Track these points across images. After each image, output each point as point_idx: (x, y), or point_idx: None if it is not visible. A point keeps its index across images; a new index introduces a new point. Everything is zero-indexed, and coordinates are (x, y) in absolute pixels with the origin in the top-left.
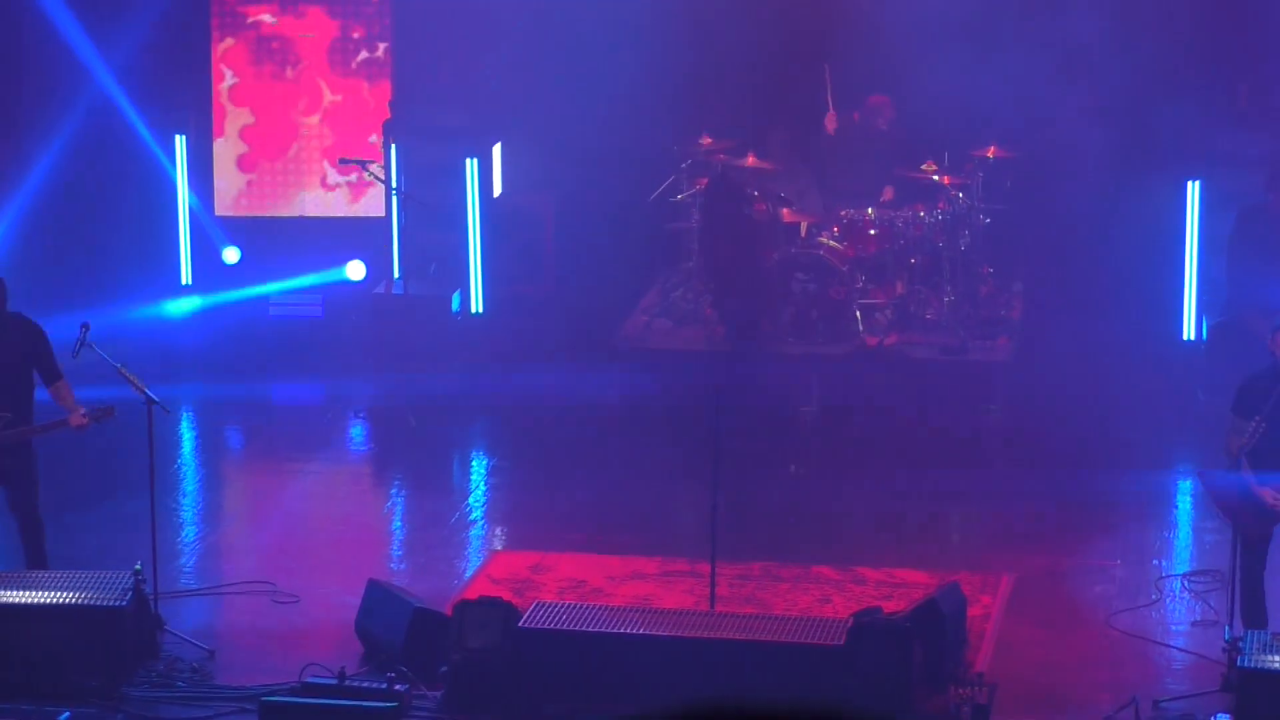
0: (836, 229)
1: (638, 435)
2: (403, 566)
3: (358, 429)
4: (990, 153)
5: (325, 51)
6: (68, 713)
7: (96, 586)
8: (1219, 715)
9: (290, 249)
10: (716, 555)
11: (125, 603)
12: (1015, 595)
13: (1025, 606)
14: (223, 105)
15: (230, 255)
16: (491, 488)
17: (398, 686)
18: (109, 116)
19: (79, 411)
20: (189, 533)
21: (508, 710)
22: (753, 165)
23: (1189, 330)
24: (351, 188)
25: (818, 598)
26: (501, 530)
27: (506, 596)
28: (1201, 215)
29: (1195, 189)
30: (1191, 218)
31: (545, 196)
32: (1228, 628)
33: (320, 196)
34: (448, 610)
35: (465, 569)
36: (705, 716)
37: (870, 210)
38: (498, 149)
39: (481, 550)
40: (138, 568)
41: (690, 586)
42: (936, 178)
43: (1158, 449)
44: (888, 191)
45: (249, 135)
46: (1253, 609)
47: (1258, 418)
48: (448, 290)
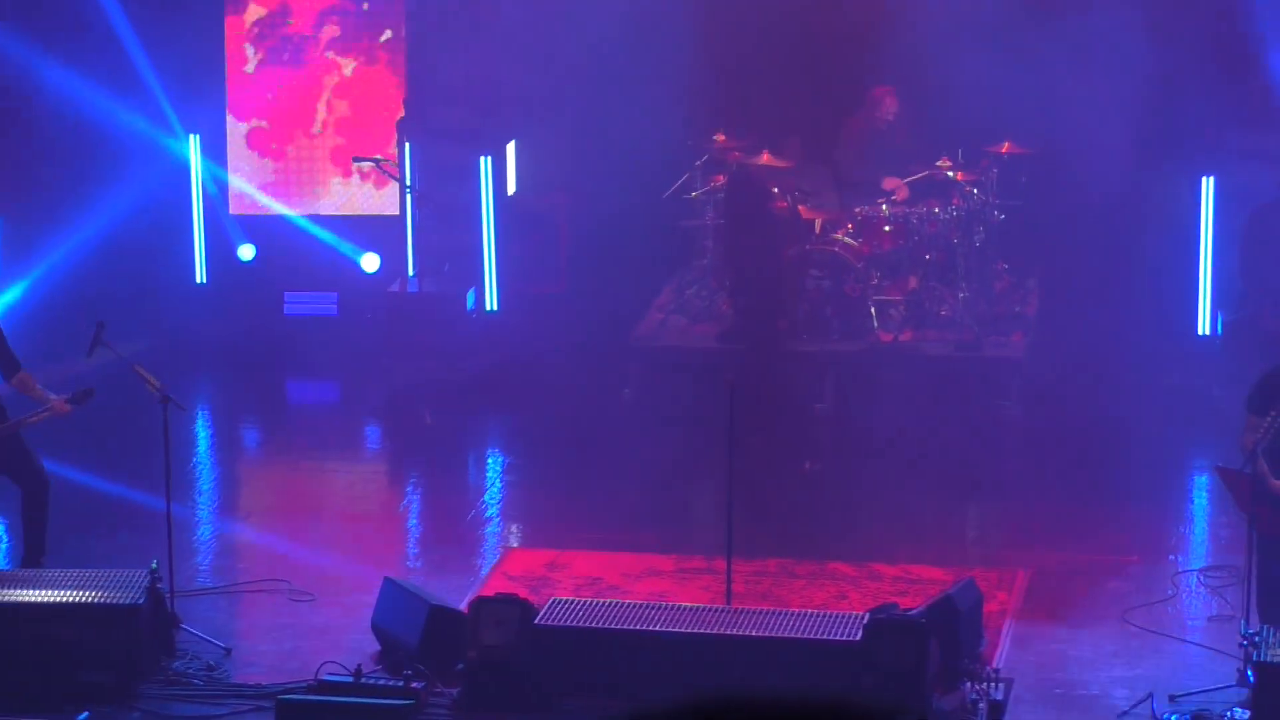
0: (851, 226)
1: (652, 432)
2: (419, 564)
3: (372, 428)
4: (1005, 149)
5: (339, 49)
6: (86, 713)
7: (113, 585)
8: (1236, 710)
9: (305, 246)
10: (732, 552)
11: (141, 601)
12: (1031, 591)
13: (1041, 602)
14: (238, 105)
15: (245, 252)
16: (507, 485)
17: (414, 684)
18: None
19: (56, 399)
20: (205, 531)
21: (524, 707)
22: (768, 162)
23: (1204, 326)
24: (367, 185)
25: (834, 594)
26: (517, 528)
27: (522, 594)
28: (1216, 211)
29: (1210, 185)
30: (1206, 213)
31: (559, 194)
32: (1244, 622)
33: (335, 194)
34: (464, 608)
35: (481, 566)
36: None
37: (885, 207)
38: (512, 147)
39: (497, 548)
40: (154, 566)
41: (706, 583)
42: (951, 174)
43: (1173, 444)
44: (901, 190)
45: (263, 135)
46: (1269, 604)
47: (1273, 413)
48: (462, 288)
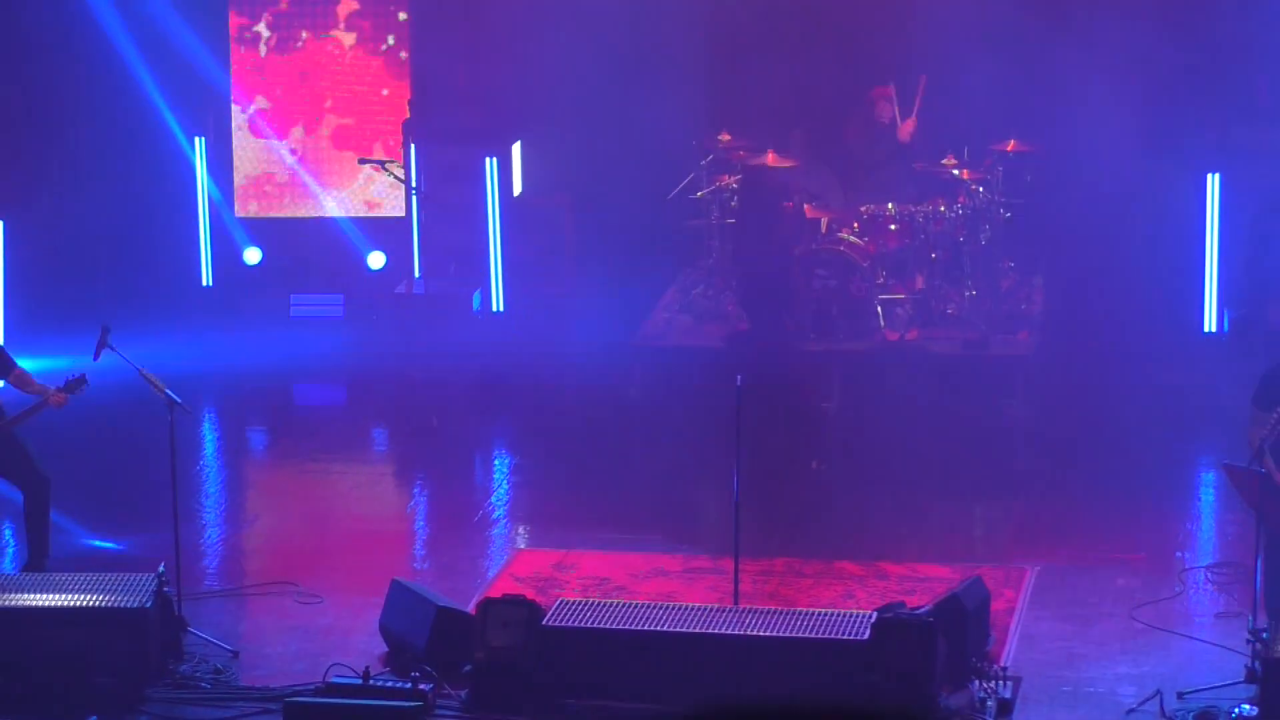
0: (857, 225)
1: (659, 433)
2: (426, 566)
3: (379, 430)
4: (1010, 147)
5: (345, 52)
6: (94, 717)
7: (120, 588)
8: (1243, 706)
9: (311, 248)
10: (739, 551)
11: (149, 604)
12: (1038, 588)
13: (1048, 600)
14: (244, 107)
15: (251, 255)
16: (514, 486)
17: (422, 686)
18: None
19: (52, 390)
20: (212, 533)
21: (532, 708)
22: (773, 162)
23: (1210, 322)
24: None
25: (841, 593)
26: (524, 528)
27: (530, 595)
28: (1221, 208)
29: (1215, 181)
30: (1211, 210)
31: (565, 195)
32: (1252, 619)
33: (340, 197)
34: (471, 609)
35: (488, 568)
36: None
37: (891, 205)
38: (517, 148)
39: (504, 549)
40: (161, 569)
41: (713, 583)
42: (956, 172)
43: (1179, 441)
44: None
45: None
46: (1276, 600)
47: (1279, 409)
48: (468, 289)
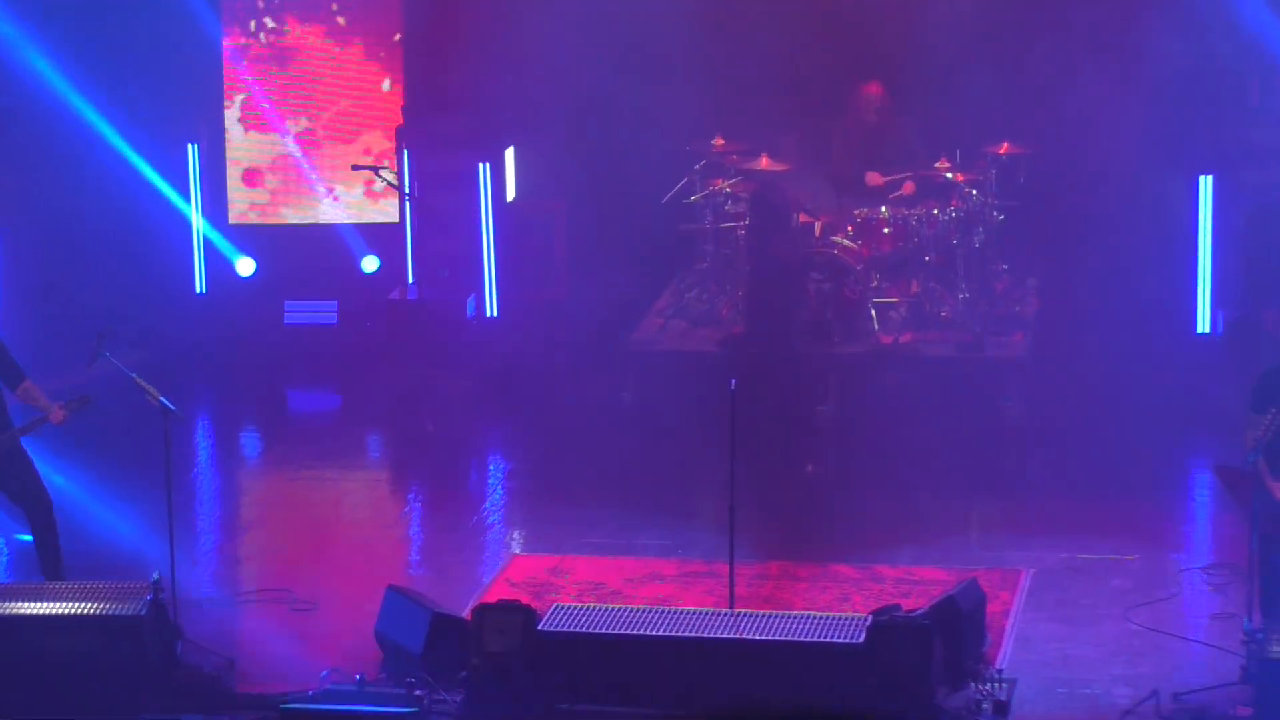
0: (851, 228)
1: (654, 437)
2: (421, 572)
3: (373, 436)
4: (1003, 149)
5: (336, 56)
6: None
7: (114, 596)
8: (1239, 707)
9: (305, 255)
10: (734, 555)
11: (143, 612)
12: (1034, 590)
13: (1044, 602)
14: (234, 114)
15: (244, 267)
16: (508, 492)
17: (417, 692)
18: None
19: (56, 406)
20: (207, 541)
21: (528, 714)
22: (766, 166)
23: (1203, 324)
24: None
25: (836, 596)
26: (519, 534)
27: (525, 600)
28: (1214, 210)
29: (1207, 184)
30: (1204, 212)
31: (558, 200)
32: (1247, 620)
33: (333, 203)
34: (467, 615)
35: (484, 573)
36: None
37: (884, 209)
38: (511, 153)
39: (500, 554)
40: (156, 577)
41: (709, 587)
42: (950, 175)
43: (1174, 443)
44: (908, 186)
45: (261, 145)
46: (1271, 601)
47: (1273, 410)
48: (462, 295)
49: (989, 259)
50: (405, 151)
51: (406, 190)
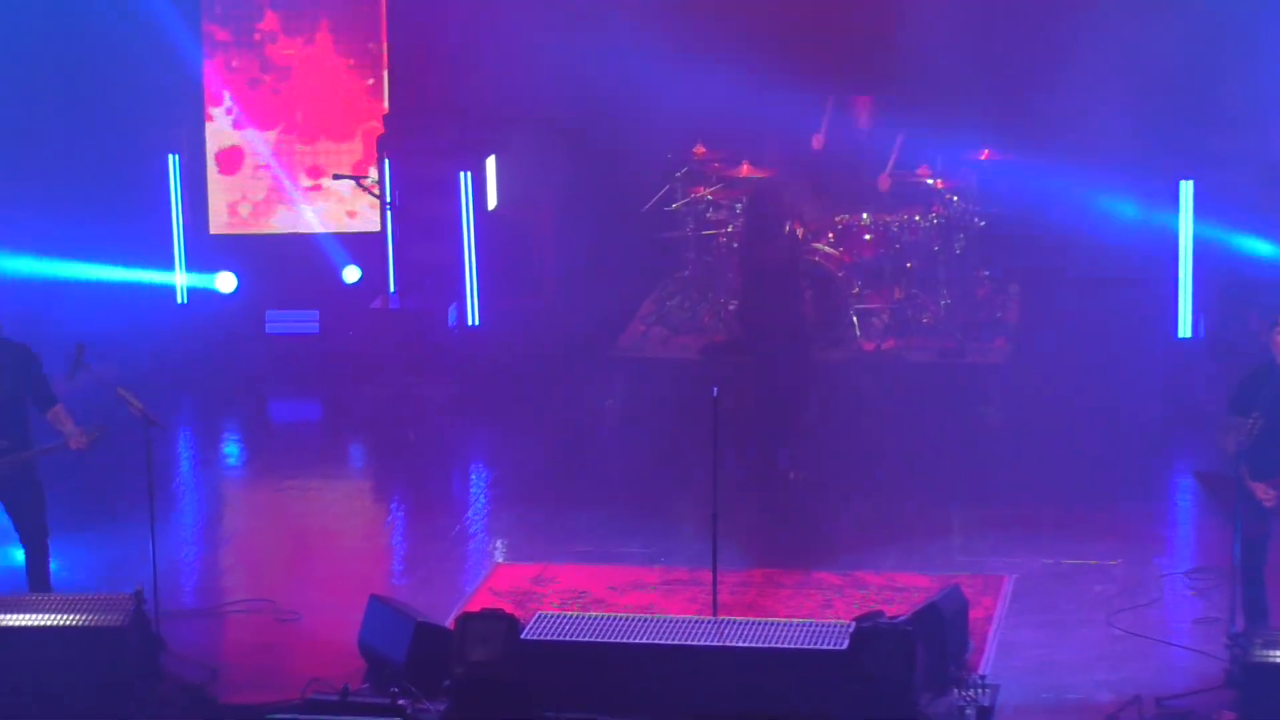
0: (832, 235)
1: (636, 445)
2: (404, 581)
3: (356, 445)
4: (984, 155)
5: (318, 66)
6: None
7: (96, 608)
8: (1223, 712)
9: (286, 264)
10: (718, 563)
11: (125, 624)
12: (1016, 596)
13: (1026, 607)
14: (216, 123)
15: (225, 283)
16: (491, 500)
17: (401, 701)
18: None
19: (78, 433)
20: (189, 552)
21: None
22: (748, 173)
23: (1184, 328)
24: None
25: (819, 603)
26: (502, 543)
27: (508, 609)
28: (1195, 214)
29: (1188, 189)
30: (1185, 217)
31: (540, 208)
32: (1230, 624)
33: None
34: (450, 624)
35: (466, 583)
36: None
37: (865, 215)
38: (492, 162)
39: (482, 563)
40: (138, 588)
41: (692, 595)
42: (931, 181)
43: (1156, 447)
44: (883, 181)
45: (242, 154)
46: (1255, 605)
47: (1255, 414)
48: (443, 303)
49: (970, 265)
50: (386, 160)
51: (388, 199)
